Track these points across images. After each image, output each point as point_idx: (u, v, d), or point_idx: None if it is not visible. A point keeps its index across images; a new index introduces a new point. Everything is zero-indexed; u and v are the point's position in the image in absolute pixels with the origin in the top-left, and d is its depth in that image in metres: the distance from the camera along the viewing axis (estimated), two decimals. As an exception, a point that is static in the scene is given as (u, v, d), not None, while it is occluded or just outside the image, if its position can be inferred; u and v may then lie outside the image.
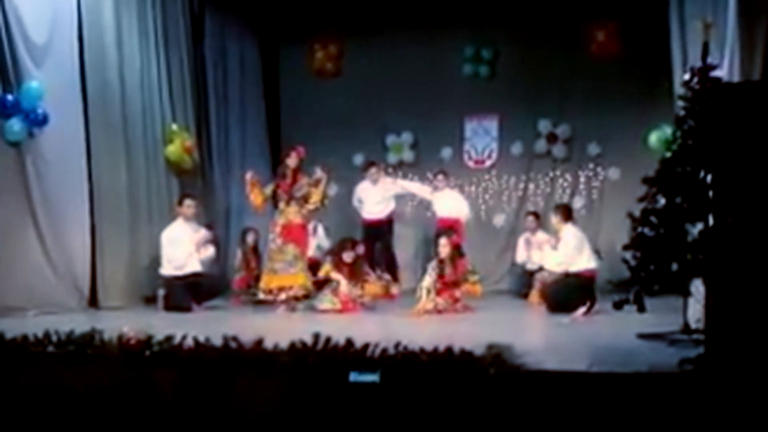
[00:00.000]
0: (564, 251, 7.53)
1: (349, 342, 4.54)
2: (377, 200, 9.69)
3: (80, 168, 7.88)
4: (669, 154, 5.03)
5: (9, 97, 7.15)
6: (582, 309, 7.10)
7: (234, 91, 10.46)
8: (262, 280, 7.95)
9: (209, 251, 8.32)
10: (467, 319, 7.25)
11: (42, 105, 7.34)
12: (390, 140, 10.93)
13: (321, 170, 7.96)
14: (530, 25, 10.27)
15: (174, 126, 9.12)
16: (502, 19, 10.30)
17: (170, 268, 8.01)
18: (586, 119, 10.24)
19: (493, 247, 10.30)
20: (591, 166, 10.39)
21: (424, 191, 9.91)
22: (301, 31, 10.96)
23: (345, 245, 8.16)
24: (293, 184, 7.93)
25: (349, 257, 8.00)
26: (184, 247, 8.04)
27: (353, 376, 4.23)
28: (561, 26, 10.10)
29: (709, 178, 4.60)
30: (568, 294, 7.31)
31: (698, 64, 5.25)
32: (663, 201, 4.98)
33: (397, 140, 10.92)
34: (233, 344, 4.70)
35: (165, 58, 9.12)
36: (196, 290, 7.97)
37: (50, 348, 4.95)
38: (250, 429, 4.30)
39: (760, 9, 5.68)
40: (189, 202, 8.26)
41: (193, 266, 8.07)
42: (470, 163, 10.83)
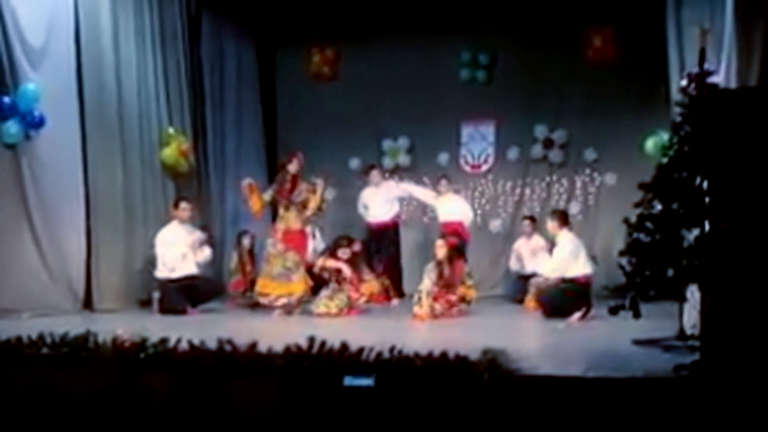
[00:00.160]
0: (560, 257, 7.53)
1: (344, 346, 4.53)
2: (381, 203, 9.55)
3: (76, 170, 7.88)
4: (665, 160, 5.02)
5: (6, 100, 7.14)
6: (577, 314, 7.10)
7: (230, 95, 10.44)
8: (259, 284, 7.93)
9: (205, 253, 8.31)
10: (462, 324, 7.23)
11: (39, 107, 7.33)
12: (386, 144, 10.93)
13: (320, 179, 7.95)
14: (527, 30, 10.27)
15: (170, 129, 9.11)
16: (499, 24, 10.31)
17: (165, 271, 8.00)
18: (583, 124, 10.25)
19: (489, 252, 10.30)
20: (587, 172, 10.40)
21: (428, 195, 9.81)
22: (298, 35, 10.94)
23: (341, 243, 8.13)
24: (293, 190, 7.92)
25: (345, 254, 7.97)
26: (179, 250, 8.03)
27: (348, 381, 4.22)
28: (558, 31, 10.10)
29: (706, 184, 4.60)
30: (564, 299, 7.30)
31: (695, 70, 5.25)
32: (659, 207, 4.98)
33: (394, 145, 10.92)
34: (228, 347, 4.68)
35: (162, 61, 9.11)
36: (192, 293, 7.96)
37: (44, 350, 4.93)
38: (245, 433, 4.29)
39: (757, 15, 5.69)
40: (184, 205, 8.24)
41: (188, 269, 8.06)
42: (467, 168, 10.83)
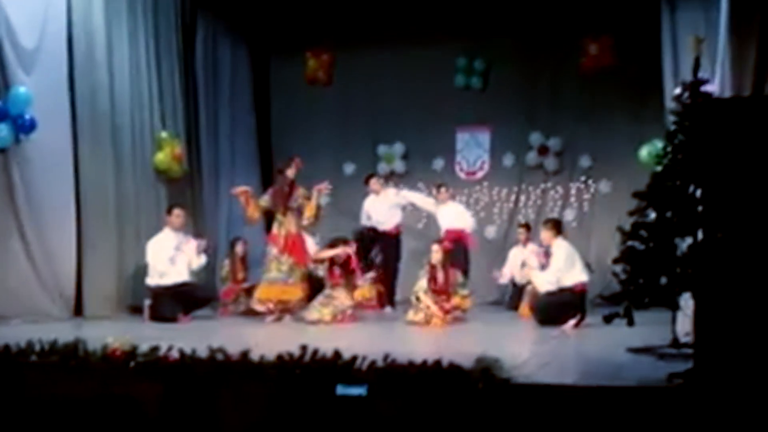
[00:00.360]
0: (555, 268, 7.48)
1: (337, 354, 4.50)
2: (383, 211, 9.38)
3: (67, 175, 7.82)
4: (659, 169, 5.02)
5: (-4, 103, 7.11)
6: (572, 322, 7.09)
7: (224, 99, 10.41)
8: (259, 290, 7.90)
9: (201, 260, 8.26)
10: (456, 332, 7.21)
11: (30, 111, 7.27)
12: (382, 150, 10.91)
13: (317, 189, 7.93)
14: (523, 37, 10.28)
15: (164, 133, 9.07)
16: (495, 31, 10.30)
17: (157, 278, 7.94)
18: (578, 132, 10.25)
19: (484, 259, 10.26)
20: (582, 179, 10.40)
21: (428, 203, 9.66)
22: (293, 40, 10.92)
23: (336, 244, 8.10)
24: (290, 195, 7.91)
25: (340, 257, 7.94)
26: (170, 257, 7.98)
27: (340, 389, 4.18)
28: (554, 39, 10.12)
29: (699, 193, 4.59)
30: (558, 307, 7.28)
31: (689, 79, 5.25)
32: (653, 215, 4.97)
33: (389, 150, 10.90)
34: (219, 356, 4.64)
35: (155, 65, 9.07)
36: (183, 300, 7.89)
37: (33, 358, 4.88)
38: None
39: (752, 25, 5.70)
40: (177, 212, 8.20)
41: (180, 276, 8.00)
42: (462, 175, 10.82)
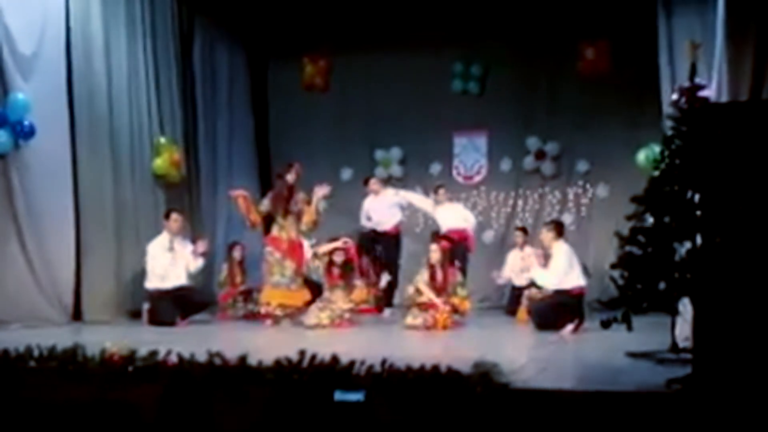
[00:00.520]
0: (556, 268, 7.50)
1: (335, 359, 4.50)
2: (383, 210, 9.40)
3: (66, 180, 7.83)
4: (657, 173, 5.03)
5: (-5, 109, 7.11)
6: (570, 327, 7.09)
7: (222, 105, 10.42)
8: (263, 294, 7.91)
9: (198, 263, 8.26)
10: (454, 336, 7.21)
11: (29, 117, 7.28)
12: (379, 155, 10.93)
13: (317, 194, 7.95)
14: (520, 42, 10.30)
15: (162, 139, 9.08)
16: (492, 36, 10.33)
17: (155, 282, 7.94)
18: (575, 136, 10.27)
19: (482, 263, 10.26)
20: (580, 183, 10.42)
21: (426, 204, 9.66)
22: (291, 46, 10.94)
23: (336, 239, 8.11)
24: (289, 200, 7.92)
25: (340, 257, 7.94)
26: (169, 261, 7.98)
27: (338, 395, 4.18)
28: (551, 43, 10.15)
29: (697, 198, 4.60)
30: (556, 312, 7.29)
31: (686, 84, 5.26)
32: (651, 220, 4.98)
33: (386, 155, 10.91)
34: (218, 360, 4.64)
35: (154, 71, 9.08)
36: (182, 304, 7.90)
37: (31, 363, 4.88)
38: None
39: (748, 30, 5.70)
40: (175, 216, 8.21)
41: (179, 280, 8.00)
42: (459, 179, 10.84)
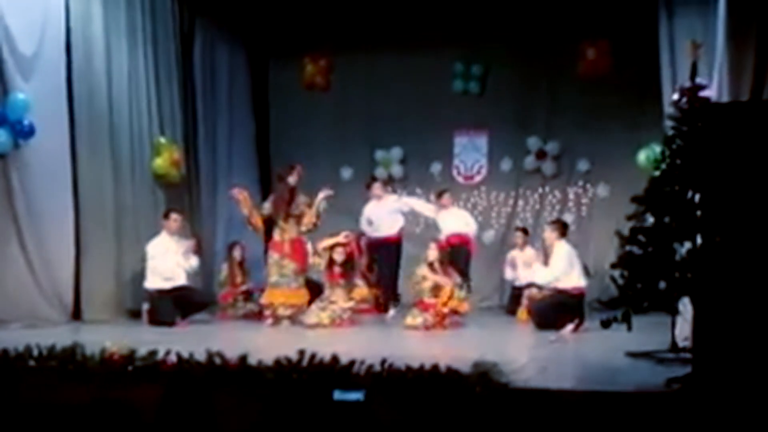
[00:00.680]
0: (557, 266, 7.49)
1: (335, 359, 4.50)
2: (384, 216, 9.17)
3: (66, 180, 7.81)
4: (658, 173, 5.03)
5: (-5, 108, 7.10)
6: (570, 327, 7.08)
7: (223, 104, 10.41)
8: (266, 294, 7.92)
9: (191, 262, 8.25)
10: (454, 336, 7.21)
11: (28, 116, 7.26)
12: (379, 155, 10.92)
13: (320, 195, 7.95)
14: (521, 42, 10.30)
15: (162, 138, 9.07)
16: (493, 36, 10.32)
17: (155, 282, 7.93)
18: (576, 136, 10.27)
19: (482, 263, 10.26)
20: (580, 183, 10.42)
21: (428, 209, 9.53)
22: (291, 46, 10.93)
23: (337, 234, 8.10)
24: (290, 202, 7.93)
25: (340, 256, 7.93)
26: (169, 261, 7.97)
27: (337, 395, 4.18)
28: (551, 43, 10.14)
29: (697, 198, 4.60)
30: (556, 311, 7.29)
31: (687, 84, 5.25)
32: (651, 220, 4.98)
33: (386, 155, 10.91)
34: (217, 360, 4.64)
35: (154, 71, 9.07)
36: (181, 304, 7.88)
37: (31, 362, 4.88)
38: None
39: (749, 30, 5.70)
40: (175, 216, 8.20)
41: (178, 280, 8.00)
42: (460, 179, 10.83)
